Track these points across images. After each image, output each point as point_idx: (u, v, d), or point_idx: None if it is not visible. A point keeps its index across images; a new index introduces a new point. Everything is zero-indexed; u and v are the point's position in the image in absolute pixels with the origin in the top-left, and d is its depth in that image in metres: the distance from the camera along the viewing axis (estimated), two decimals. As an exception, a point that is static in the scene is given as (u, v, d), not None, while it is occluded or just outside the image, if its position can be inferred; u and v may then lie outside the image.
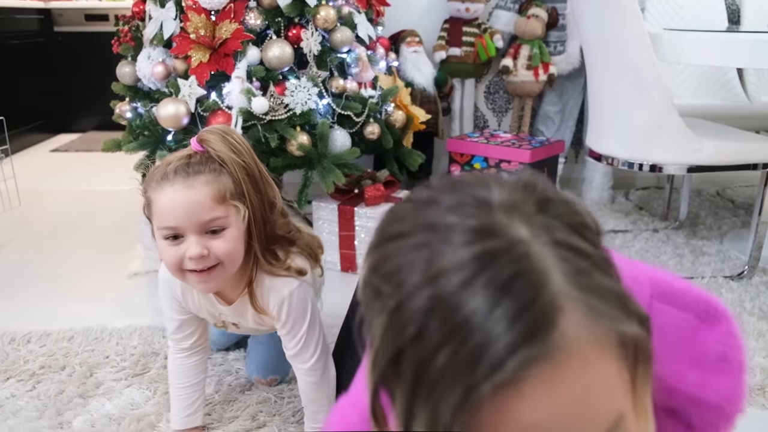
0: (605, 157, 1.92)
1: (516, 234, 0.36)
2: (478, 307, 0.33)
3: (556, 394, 0.34)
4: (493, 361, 0.33)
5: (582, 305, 0.35)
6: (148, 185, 0.94)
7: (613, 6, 1.67)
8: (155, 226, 0.95)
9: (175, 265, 0.94)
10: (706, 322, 0.52)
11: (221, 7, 1.63)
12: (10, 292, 1.82)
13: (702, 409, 0.51)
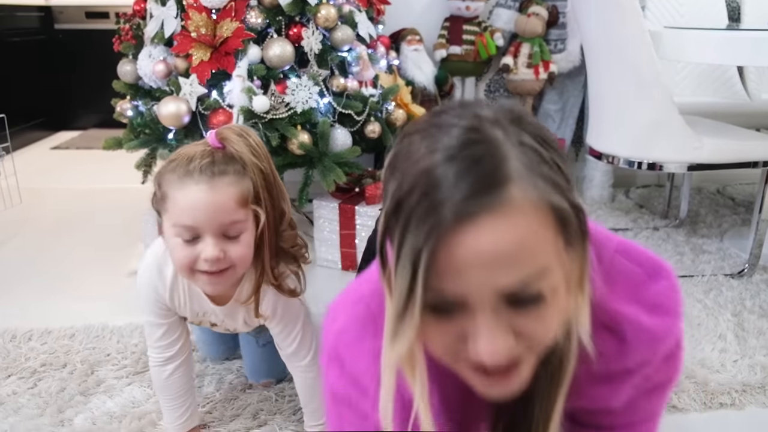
0: (606, 155, 1.92)
1: (493, 134, 0.50)
2: (456, 171, 0.48)
3: (500, 233, 0.48)
4: (459, 203, 0.48)
5: (528, 180, 0.49)
6: (166, 179, 0.90)
7: (614, 4, 1.67)
8: (170, 223, 0.90)
9: (187, 266, 0.91)
10: (651, 277, 0.65)
11: (222, 6, 1.63)
12: (11, 290, 1.82)
13: (636, 330, 0.62)
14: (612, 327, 0.62)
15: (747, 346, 1.47)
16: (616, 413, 0.70)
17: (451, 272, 0.49)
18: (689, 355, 1.42)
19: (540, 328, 0.53)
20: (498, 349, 0.51)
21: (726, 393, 1.29)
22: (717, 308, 1.65)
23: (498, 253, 0.48)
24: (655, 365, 0.65)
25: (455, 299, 0.51)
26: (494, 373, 0.55)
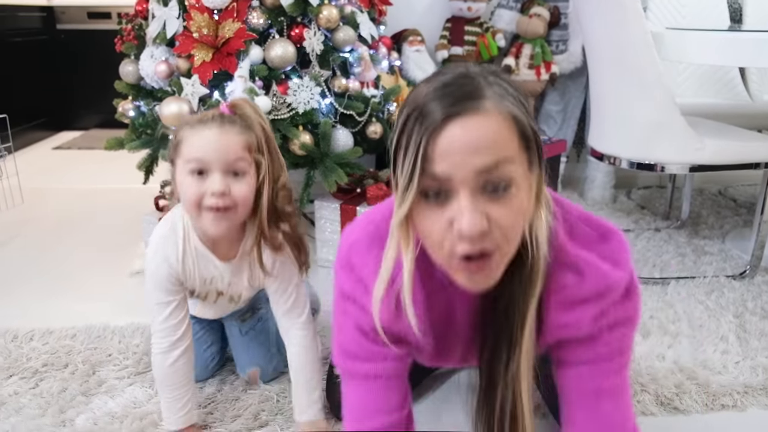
0: (607, 156, 1.92)
1: (475, 76, 0.69)
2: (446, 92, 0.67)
3: (476, 127, 0.66)
4: (446, 108, 0.66)
5: (499, 100, 0.68)
6: (182, 129, 1.03)
7: (616, 5, 1.67)
8: (183, 161, 1.01)
9: (195, 201, 1.00)
10: (604, 238, 0.80)
11: (224, 6, 1.63)
12: (12, 290, 1.83)
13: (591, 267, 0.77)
14: (572, 266, 0.77)
15: (749, 347, 1.47)
16: (584, 345, 0.81)
17: (440, 156, 0.67)
18: (691, 357, 1.42)
19: (507, 216, 0.68)
20: (476, 222, 0.66)
21: (728, 394, 1.29)
22: (719, 310, 1.65)
23: (475, 141, 0.66)
24: (612, 302, 0.78)
25: (443, 180, 0.67)
26: (474, 263, 0.69)
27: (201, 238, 1.12)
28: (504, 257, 0.71)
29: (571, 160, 2.80)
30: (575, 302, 0.78)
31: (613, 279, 0.77)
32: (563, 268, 0.77)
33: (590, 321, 0.78)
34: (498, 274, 0.72)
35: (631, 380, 1.32)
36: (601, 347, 0.80)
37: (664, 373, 1.36)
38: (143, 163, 1.84)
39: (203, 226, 1.05)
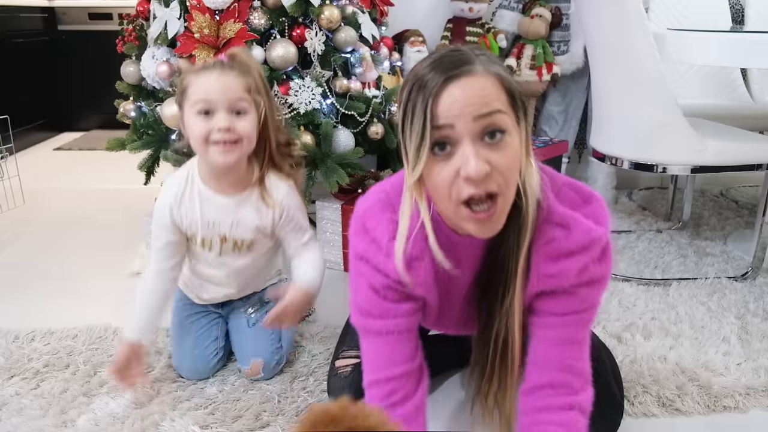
0: (609, 157, 1.91)
1: (467, 51, 0.81)
2: (443, 62, 0.79)
3: (471, 85, 0.78)
4: (444, 73, 0.78)
5: (487, 65, 0.80)
6: (187, 76, 1.14)
7: (618, 6, 1.67)
8: (190, 104, 1.12)
9: (203, 137, 1.12)
10: (586, 201, 0.91)
11: (225, 7, 1.63)
12: (13, 291, 1.82)
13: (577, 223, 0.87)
14: (560, 222, 0.87)
15: (751, 349, 1.46)
16: (563, 298, 0.90)
17: (443, 112, 0.78)
18: (693, 358, 1.42)
19: (505, 161, 0.79)
20: (479, 165, 0.77)
21: (730, 396, 1.28)
22: (720, 311, 1.65)
23: (470, 95, 0.78)
24: (592, 259, 0.88)
25: (448, 132, 0.78)
26: (481, 212, 0.80)
27: (205, 178, 1.22)
28: (506, 202, 0.82)
29: (573, 161, 2.80)
30: (562, 255, 0.87)
31: (596, 234, 0.87)
32: (552, 225, 0.87)
33: (575, 274, 0.88)
34: (503, 219, 0.83)
35: (633, 381, 1.32)
36: (577, 303, 0.91)
37: (665, 375, 1.35)
38: (144, 163, 1.84)
39: (212, 160, 1.15)
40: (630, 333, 1.52)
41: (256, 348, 1.35)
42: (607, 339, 1.50)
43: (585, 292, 0.90)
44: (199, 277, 1.36)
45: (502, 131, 0.79)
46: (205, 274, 1.35)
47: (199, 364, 1.36)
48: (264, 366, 1.34)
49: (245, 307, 1.41)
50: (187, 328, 1.39)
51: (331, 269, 1.94)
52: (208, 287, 1.37)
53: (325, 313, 1.59)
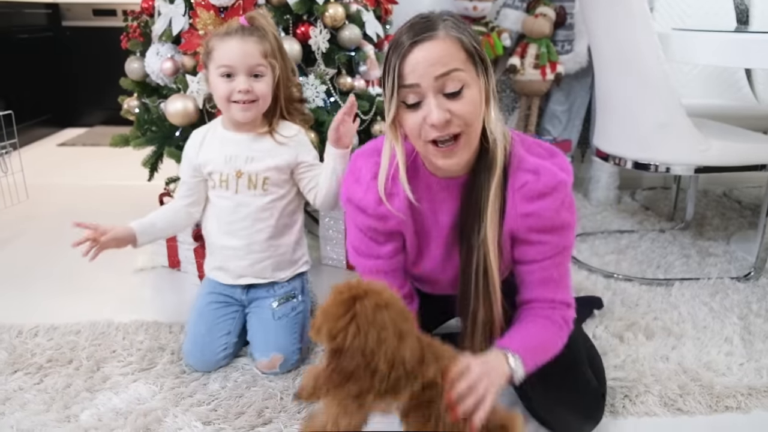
0: (612, 156, 1.91)
1: (433, 18, 0.96)
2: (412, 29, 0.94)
3: (434, 48, 0.92)
4: (411, 37, 0.93)
5: (449, 30, 0.94)
6: (212, 39, 1.30)
7: (622, 5, 1.67)
8: (214, 66, 1.29)
9: (226, 97, 1.30)
10: (551, 155, 1.06)
11: (230, 4, 1.63)
12: (17, 286, 1.83)
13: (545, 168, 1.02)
14: (530, 169, 1.02)
15: (753, 349, 1.46)
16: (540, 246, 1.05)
17: (409, 71, 0.94)
18: (695, 358, 1.42)
19: (463, 108, 0.95)
20: (440, 114, 0.94)
21: (732, 396, 1.28)
22: (723, 311, 1.65)
23: (431, 57, 0.93)
24: (562, 203, 1.02)
25: (414, 89, 0.94)
26: (446, 147, 0.97)
27: (226, 125, 1.40)
28: (468, 138, 0.98)
29: (576, 161, 2.80)
30: (535, 196, 1.02)
31: (561, 178, 1.02)
32: (524, 171, 1.02)
33: (550, 215, 1.02)
34: (464, 154, 0.99)
35: (635, 381, 1.33)
36: (551, 249, 1.05)
37: (668, 375, 1.35)
38: (148, 160, 1.84)
39: (233, 116, 1.33)
40: (632, 333, 1.52)
41: (278, 343, 1.37)
42: (609, 338, 1.50)
43: (557, 239, 1.05)
44: (220, 240, 1.43)
45: (460, 86, 0.94)
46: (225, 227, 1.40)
47: (207, 354, 1.37)
48: (283, 362, 1.35)
49: (271, 300, 1.43)
50: (203, 314, 1.42)
51: (335, 267, 1.94)
52: (228, 254, 1.42)
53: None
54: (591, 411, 1.16)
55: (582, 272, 1.90)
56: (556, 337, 1.06)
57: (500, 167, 1.01)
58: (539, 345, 1.04)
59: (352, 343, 0.80)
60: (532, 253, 1.06)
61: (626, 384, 1.32)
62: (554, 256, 1.06)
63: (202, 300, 1.45)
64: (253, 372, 1.37)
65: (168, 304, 1.73)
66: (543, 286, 1.08)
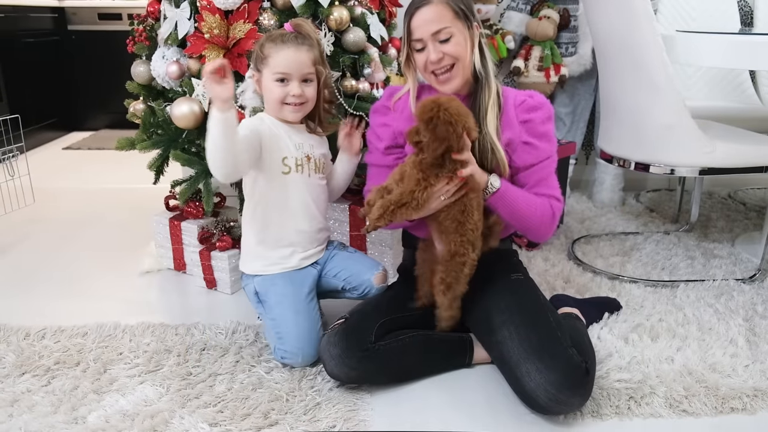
0: (617, 158, 1.91)
1: None
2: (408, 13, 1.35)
3: (430, 11, 1.31)
4: (416, 4, 1.33)
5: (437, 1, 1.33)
6: (266, 46, 1.41)
7: (627, 7, 1.67)
8: (270, 72, 1.41)
9: (280, 100, 1.42)
10: (531, 96, 1.41)
11: (235, 8, 1.64)
12: (24, 289, 1.84)
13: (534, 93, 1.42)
14: (525, 94, 1.41)
15: (758, 351, 1.46)
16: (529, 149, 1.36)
17: (414, 28, 1.33)
18: (700, 360, 1.42)
19: (452, 49, 1.32)
20: (436, 55, 1.32)
21: (737, 398, 1.28)
22: (728, 313, 1.65)
23: (429, 17, 1.31)
24: (548, 116, 1.39)
25: (419, 40, 1.33)
26: (442, 76, 1.35)
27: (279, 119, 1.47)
28: (459, 69, 1.34)
29: (580, 163, 2.80)
30: (531, 108, 1.38)
31: (546, 99, 1.41)
32: (521, 95, 1.40)
33: (540, 122, 1.37)
34: (457, 81, 1.35)
35: (640, 382, 1.33)
36: (539, 154, 1.37)
37: (673, 376, 1.35)
38: (154, 163, 1.85)
39: (285, 116, 1.46)
40: (637, 334, 1.52)
41: (371, 263, 1.55)
42: (614, 340, 1.50)
43: (545, 145, 1.38)
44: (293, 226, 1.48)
45: (449, 37, 1.31)
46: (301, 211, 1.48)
47: (315, 346, 1.40)
48: (386, 275, 1.53)
49: (338, 249, 1.59)
50: (300, 311, 1.43)
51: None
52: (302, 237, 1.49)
53: (332, 310, 1.59)
54: (574, 383, 1.19)
55: (587, 274, 1.90)
56: (537, 205, 1.35)
57: (495, 89, 1.36)
58: (521, 195, 1.35)
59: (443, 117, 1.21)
60: (530, 158, 1.37)
61: (631, 385, 1.32)
62: (545, 160, 1.38)
63: (290, 297, 1.45)
64: (259, 374, 1.38)
65: (174, 307, 1.73)
66: (538, 185, 1.38)
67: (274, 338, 1.42)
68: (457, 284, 1.35)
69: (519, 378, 1.23)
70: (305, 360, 1.40)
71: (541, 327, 1.27)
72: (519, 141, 1.36)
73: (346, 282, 1.52)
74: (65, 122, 4.18)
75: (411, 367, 1.37)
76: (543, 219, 1.36)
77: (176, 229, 1.87)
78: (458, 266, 1.33)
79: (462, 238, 1.31)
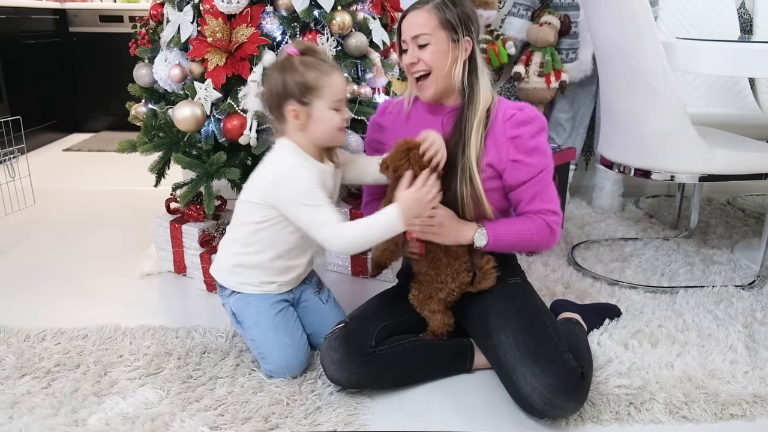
0: (616, 164, 1.92)
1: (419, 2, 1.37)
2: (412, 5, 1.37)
3: (414, 18, 1.34)
4: (407, 10, 1.37)
5: (431, 6, 1.33)
6: (309, 77, 1.30)
7: (627, 14, 1.68)
8: (327, 101, 1.32)
9: (339, 126, 1.35)
10: (521, 109, 1.37)
11: (238, 12, 1.65)
12: (24, 290, 1.84)
13: (525, 106, 1.38)
14: (515, 107, 1.37)
15: (758, 357, 1.47)
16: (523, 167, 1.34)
17: (403, 29, 1.36)
18: (700, 366, 1.42)
19: (427, 56, 1.33)
20: (410, 58, 1.35)
21: (737, 404, 1.29)
22: (727, 319, 1.65)
23: (414, 23, 1.33)
24: (540, 128, 1.35)
25: (404, 42, 1.36)
26: (421, 82, 1.37)
27: (310, 153, 1.37)
28: (434, 79, 1.36)
29: (580, 168, 2.81)
30: (520, 123, 1.35)
31: (538, 113, 1.37)
32: (511, 108, 1.37)
33: (531, 135, 1.34)
34: (431, 89, 1.37)
35: (640, 388, 1.33)
36: (532, 169, 1.34)
37: (672, 382, 1.36)
38: (155, 165, 1.85)
39: (337, 142, 1.39)
40: (637, 340, 1.53)
41: (334, 321, 1.42)
42: (614, 346, 1.50)
43: (537, 160, 1.34)
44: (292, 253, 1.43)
45: (426, 44, 1.33)
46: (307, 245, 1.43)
47: (301, 358, 1.40)
48: None
49: (313, 290, 1.53)
50: (279, 327, 1.41)
51: (340, 273, 1.95)
52: (296, 262, 1.44)
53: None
54: (570, 388, 1.19)
55: (587, 280, 1.90)
56: (532, 230, 1.36)
57: (482, 107, 1.35)
58: (513, 230, 1.36)
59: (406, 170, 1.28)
60: (521, 175, 1.35)
61: (631, 391, 1.32)
62: (538, 175, 1.35)
63: (266, 316, 1.41)
64: (260, 377, 1.38)
65: (174, 310, 1.74)
66: (533, 201, 1.36)
67: (258, 358, 1.41)
68: (430, 302, 1.39)
69: (515, 381, 1.23)
70: (293, 374, 1.38)
71: (537, 331, 1.27)
72: (508, 159, 1.34)
73: (310, 331, 1.47)
74: (66, 124, 4.19)
75: (411, 372, 1.37)
76: (542, 238, 1.37)
77: (177, 232, 1.88)
78: (435, 290, 1.38)
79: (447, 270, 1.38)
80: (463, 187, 1.34)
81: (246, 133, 1.63)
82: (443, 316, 1.39)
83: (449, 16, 1.32)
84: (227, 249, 1.45)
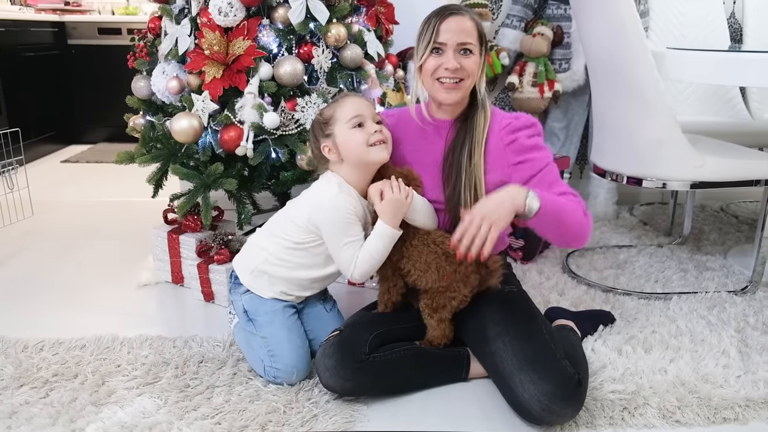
0: (610, 172, 1.94)
1: (460, 6, 1.41)
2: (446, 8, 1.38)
3: (461, 22, 1.35)
4: (445, 11, 1.37)
5: (470, 14, 1.38)
6: (326, 113, 1.40)
7: (618, 25, 1.71)
8: (344, 122, 1.37)
9: (364, 142, 1.36)
10: (516, 118, 1.42)
11: (235, 25, 1.67)
12: (22, 301, 1.85)
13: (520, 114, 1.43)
14: (511, 116, 1.42)
15: (750, 361, 1.48)
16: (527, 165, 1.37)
17: (443, 31, 1.34)
18: (693, 371, 1.44)
19: (468, 64, 1.35)
20: (454, 63, 1.34)
21: (729, 408, 1.30)
22: (720, 324, 1.67)
23: (461, 27, 1.35)
24: (530, 135, 1.39)
25: (442, 44, 1.35)
26: (451, 85, 1.36)
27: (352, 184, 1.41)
28: (467, 84, 1.37)
29: (574, 177, 2.83)
30: (515, 129, 1.39)
31: (534, 119, 1.42)
32: (506, 117, 1.41)
33: (526, 137, 1.38)
34: (459, 94, 1.38)
35: (634, 393, 1.34)
36: (536, 165, 1.37)
37: (666, 387, 1.37)
38: (153, 176, 1.87)
39: (374, 159, 1.39)
40: (631, 346, 1.54)
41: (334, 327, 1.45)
42: (608, 352, 1.51)
43: (538, 154, 1.38)
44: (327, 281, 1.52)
45: (471, 52, 1.35)
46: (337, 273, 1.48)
47: (309, 360, 1.43)
48: None
49: (318, 298, 1.55)
50: (292, 328, 1.44)
51: (338, 282, 1.96)
52: (321, 285, 1.51)
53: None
54: (567, 394, 1.20)
55: (581, 287, 1.92)
56: (572, 203, 1.33)
57: (489, 114, 1.41)
58: (557, 199, 1.30)
59: None
60: (527, 171, 1.37)
61: (625, 396, 1.33)
62: (545, 167, 1.38)
63: (281, 315, 1.45)
64: (257, 386, 1.39)
65: (172, 320, 1.75)
66: (549, 187, 1.35)
67: (265, 357, 1.41)
68: (443, 310, 1.39)
69: (513, 389, 1.24)
70: (299, 377, 1.40)
71: (534, 338, 1.28)
72: (509, 164, 1.38)
73: (311, 337, 1.49)
74: (64, 135, 4.21)
75: (406, 380, 1.38)
76: (582, 220, 1.33)
77: (174, 243, 1.89)
78: (448, 299, 1.38)
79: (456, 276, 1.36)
80: (468, 194, 1.35)
81: (243, 144, 1.65)
82: (446, 327, 1.40)
83: (482, 29, 1.38)
84: (257, 253, 1.48)
